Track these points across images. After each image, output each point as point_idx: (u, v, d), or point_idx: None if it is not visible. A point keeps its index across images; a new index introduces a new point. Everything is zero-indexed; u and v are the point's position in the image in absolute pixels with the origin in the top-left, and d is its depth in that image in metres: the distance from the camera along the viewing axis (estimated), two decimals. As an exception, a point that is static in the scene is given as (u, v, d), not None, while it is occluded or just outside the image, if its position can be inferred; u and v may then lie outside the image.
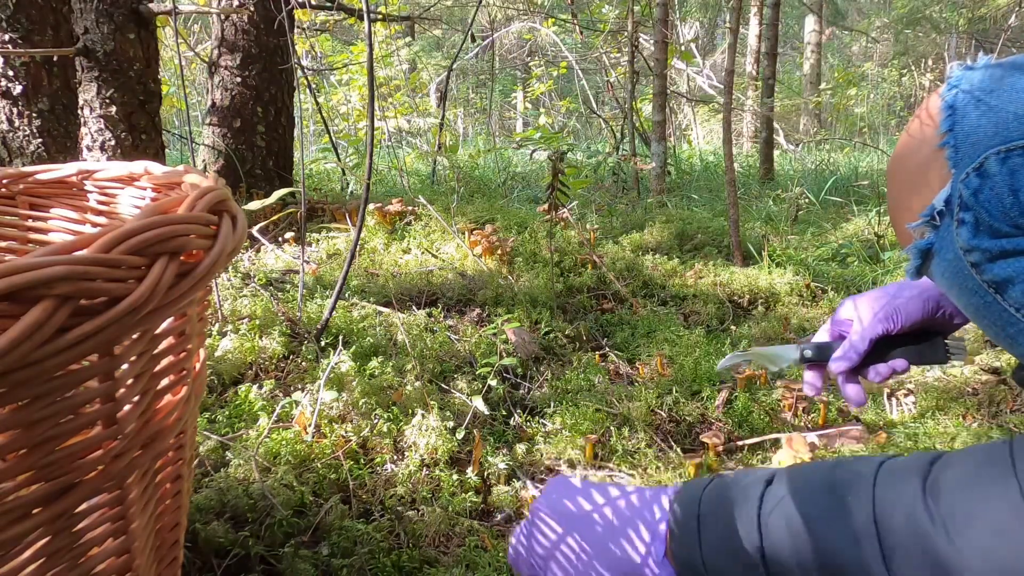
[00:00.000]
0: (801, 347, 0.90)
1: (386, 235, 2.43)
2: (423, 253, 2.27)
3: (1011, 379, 1.59)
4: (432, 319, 1.79)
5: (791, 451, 1.31)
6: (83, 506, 0.49)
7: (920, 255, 0.65)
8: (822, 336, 0.92)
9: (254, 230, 2.32)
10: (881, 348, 0.85)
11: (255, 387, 1.42)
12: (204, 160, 2.79)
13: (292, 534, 1.05)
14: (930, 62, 12.26)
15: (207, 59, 2.86)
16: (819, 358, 0.89)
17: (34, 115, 2.17)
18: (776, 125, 6.75)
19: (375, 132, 2.23)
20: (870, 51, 14.52)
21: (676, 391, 1.52)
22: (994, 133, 0.57)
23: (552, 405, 1.46)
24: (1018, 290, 0.58)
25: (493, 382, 1.49)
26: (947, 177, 0.60)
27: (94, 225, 0.78)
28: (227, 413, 1.36)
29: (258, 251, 2.31)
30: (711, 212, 3.27)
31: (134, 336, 0.48)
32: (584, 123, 9.18)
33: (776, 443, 1.39)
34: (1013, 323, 0.60)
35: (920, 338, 0.85)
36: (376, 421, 1.33)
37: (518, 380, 1.61)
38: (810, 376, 0.90)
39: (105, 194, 0.77)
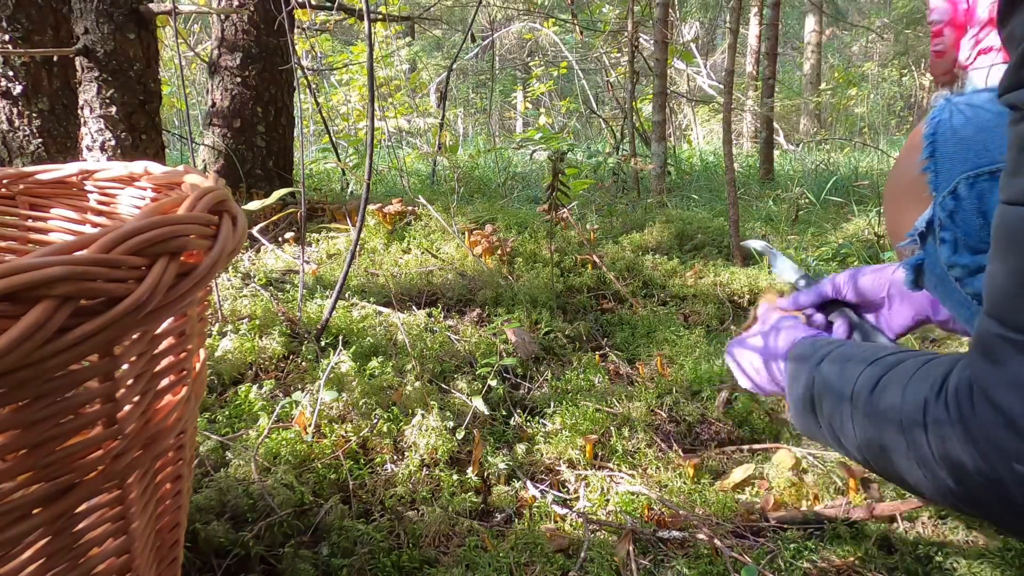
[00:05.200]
0: (800, 276, 1.11)
1: (386, 235, 2.43)
2: (423, 253, 2.27)
3: None
4: (432, 319, 1.79)
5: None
6: (83, 506, 0.49)
7: (913, 270, 0.72)
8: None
9: (254, 230, 2.32)
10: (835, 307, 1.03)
11: (255, 387, 1.42)
12: (204, 160, 2.79)
13: (292, 534, 1.05)
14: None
15: (207, 59, 2.86)
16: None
17: (34, 115, 2.18)
18: (776, 125, 6.75)
19: (375, 132, 2.23)
20: (870, 51, 14.51)
21: (676, 391, 1.52)
22: (965, 160, 0.63)
23: (552, 405, 1.46)
24: None
25: (493, 382, 1.49)
26: (929, 200, 0.67)
27: (94, 225, 0.78)
28: (227, 413, 1.36)
29: (258, 251, 2.31)
30: (711, 212, 3.27)
31: (134, 336, 0.48)
32: (584, 123, 9.18)
33: (776, 439, 1.39)
34: None
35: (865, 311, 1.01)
36: (376, 421, 1.33)
37: (518, 380, 1.61)
38: (786, 301, 1.09)
39: (105, 194, 0.77)
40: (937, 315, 0.94)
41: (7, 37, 2.13)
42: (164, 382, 0.55)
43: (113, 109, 1.88)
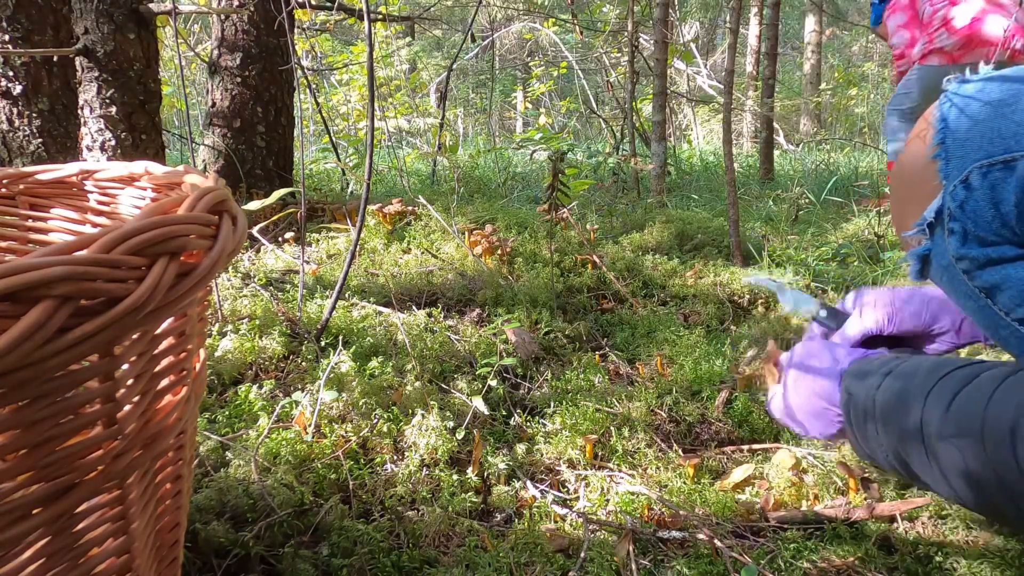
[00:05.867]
0: (819, 305, 0.98)
1: (386, 235, 2.43)
2: (423, 253, 2.27)
3: None
4: (432, 319, 1.79)
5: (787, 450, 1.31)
6: (83, 506, 0.49)
7: (919, 261, 0.69)
8: (846, 304, 0.98)
9: (254, 230, 2.32)
10: (875, 344, 0.90)
11: (255, 387, 1.42)
12: (204, 160, 2.79)
13: (292, 534, 1.05)
14: (930, 62, 12.21)
15: (207, 59, 2.86)
16: (829, 323, 0.95)
17: (34, 115, 2.18)
18: (776, 125, 6.75)
19: (375, 132, 2.23)
20: (870, 51, 14.51)
21: (676, 391, 1.52)
22: (978, 147, 0.60)
23: (552, 405, 1.46)
24: (1006, 295, 0.61)
25: (493, 382, 1.49)
26: (939, 188, 0.64)
27: (94, 225, 0.78)
28: (227, 413, 1.36)
29: (258, 251, 2.31)
30: (711, 212, 3.27)
31: (134, 336, 0.48)
32: (584, 123, 9.19)
33: (776, 440, 1.39)
34: (1004, 326, 0.62)
35: (910, 345, 0.91)
36: (376, 421, 1.33)
37: (518, 380, 1.61)
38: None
39: (105, 194, 0.77)
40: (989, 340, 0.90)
41: (7, 37, 2.13)
42: (164, 382, 0.55)
43: (113, 109, 1.88)
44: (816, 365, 0.84)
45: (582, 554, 1.03)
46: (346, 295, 1.89)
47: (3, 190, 0.79)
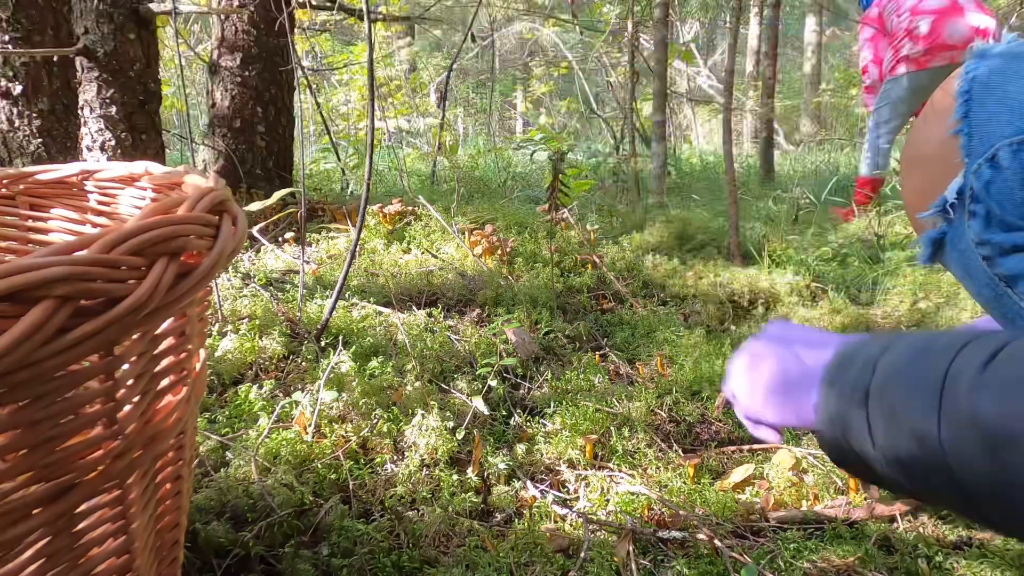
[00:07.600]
0: None
1: (386, 235, 2.43)
2: (423, 253, 2.27)
3: None
4: (432, 319, 1.79)
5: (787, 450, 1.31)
6: (83, 506, 0.49)
7: (932, 244, 0.63)
8: None
9: (254, 230, 2.32)
10: None
11: (255, 387, 1.42)
12: (204, 160, 2.79)
13: (292, 534, 1.05)
14: (930, 62, 12.22)
15: (207, 59, 2.86)
16: None
17: (34, 115, 2.17)
18: (776, 125, 6.75)
19: (375, 132, 2.23)
20: (870, 51, 14.49)
21: (676, 391, 1.52)
22: (1008, 122, 0.54)
23: (552, 405, 1.46)
24: None
25: (493, 382, 1.49)
26: (960, 166, 0.58)
27: (94, 225, 0.78)
28: (227, 413, 1.36)
29: (258, 251, 2.31)
30: (711, 212, 3.27)
31: (134, 336, 0.48)
32: (584, 123, 9.18)
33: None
34: (1023, 316, 0.58)
35: None
36: (376, 421, 1.33)
37: (518, 380, 1.61)
38: None
39: (105, 194, 0.77)
40: None
41: (7, 37, 2.13)
42: (164, 382, 0.55)
43: (113, 109, 1.88)
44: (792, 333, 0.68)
45: (582, 554, 1.03)
46: (346, 295, 1.89)
47: (3, 190, 0.79)
